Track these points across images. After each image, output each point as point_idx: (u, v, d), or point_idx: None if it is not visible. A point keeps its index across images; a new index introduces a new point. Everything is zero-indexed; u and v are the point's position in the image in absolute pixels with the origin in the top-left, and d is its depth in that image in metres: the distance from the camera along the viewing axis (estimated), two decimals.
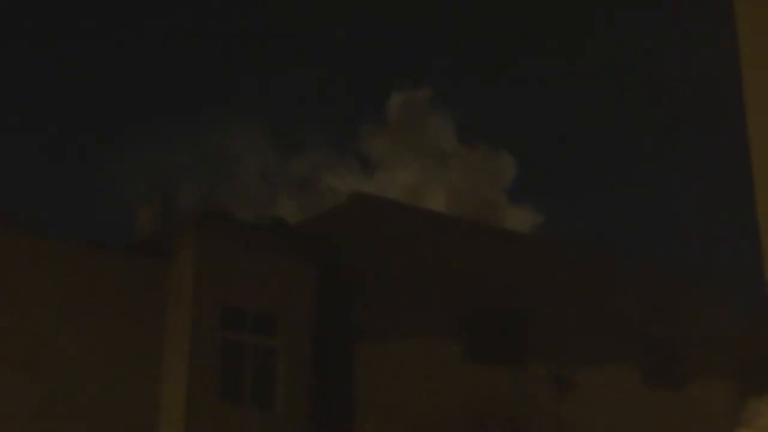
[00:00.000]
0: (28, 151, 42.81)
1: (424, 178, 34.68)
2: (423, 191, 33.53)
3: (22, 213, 20.30)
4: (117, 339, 18.38)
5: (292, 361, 19.24)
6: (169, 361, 18.55)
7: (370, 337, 20.25)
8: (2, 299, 17.74)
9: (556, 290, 22.94)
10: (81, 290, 18.42)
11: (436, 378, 20.75)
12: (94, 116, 47.29)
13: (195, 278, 18.73)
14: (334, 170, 36.59)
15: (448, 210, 29.50)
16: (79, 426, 17.47)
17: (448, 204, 32.48)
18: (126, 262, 19.23)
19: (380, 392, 19.96)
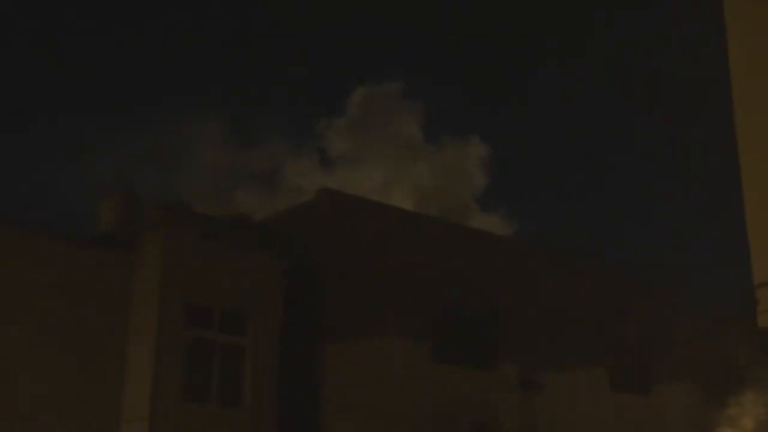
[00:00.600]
0: None
1: (388, 176, 34.41)
2: (389, 188, 33.26)
3: None
4: (79, 335, 17.86)
5: (259, 359, 18.85)
6: (134, 359, 18.05)
7: (338, 336, 19.93)
8: None
9: (526, 292, 22.82)
10: (41, 284, 17.84)
11: (404, 378, 20.49)
12: (55, 110, 46.54)
13: (161, 275, 18.25)
14: (295, 164, 36.16)
15: (415, 208, 29.27)
16: (40, 425, 16.92)
17: (413, 201, 32.26)
18: (89, 254, 18.68)
19: (348, 392, 19.66)
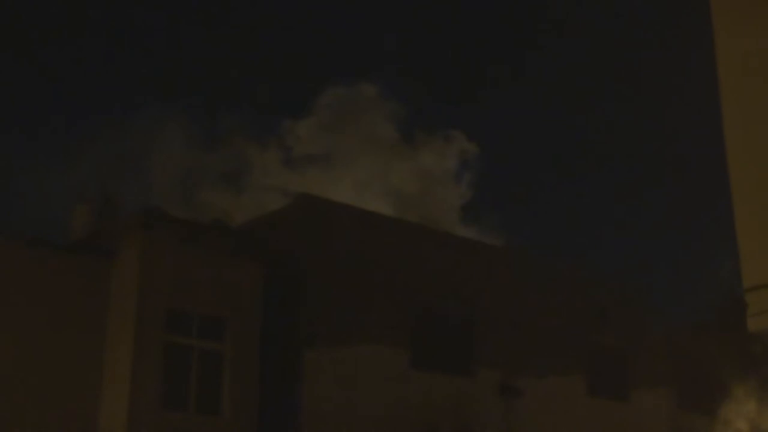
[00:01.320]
0: None
1: (362, 176, 34.18)
2: (363, 189, 33.07)
3: None
4: (56, 342, 17.55)
5: (239, 366, 18.64)
6: (111, 366, 17.77)
7: (317, 342, 19.77)
8: None
9: (505, 298, 22.80)
10: (17, 290, 17.54)
11: (383, 384, 20.39)
12: (26, 115, 46.02)
13: (139, 280, 17.99)
14: (264, 166, 35.78)
15: (392, 208, 29.17)
16: None
17: (389, 202, 32.12)
18: (65, 261, 18.37)
19: (327, 398, 19.52)
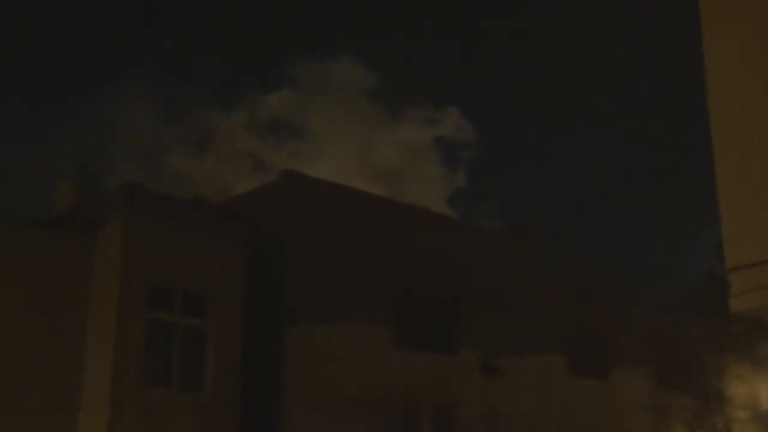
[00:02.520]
0: None
1: (343, 149, 34.11)
2: (342, 162, 33.00)
3: None
4: (38, 318, 17.48)
5: (222, 343, 18.63)
6: (94, 343, 17.72)
7: (300, 319, 19.80)
8: None
9: (487, 278, 22.88)
10: None
11: (366, 362, 20.44)
12: (9, 91, 45.64)
13: (122, 256, 17.91)
14: (233, 136, 35.59)
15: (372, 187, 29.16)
16: None
17: (369, 177, 32.07)
18: (47, 236, 18.26)
19: (310, 375, 19.56)
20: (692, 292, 30.48)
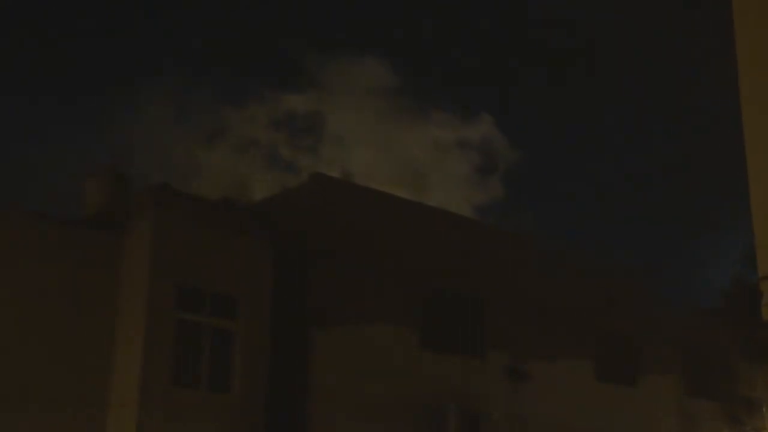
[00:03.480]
0: None
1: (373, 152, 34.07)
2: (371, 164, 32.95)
3: None
4: (67, 319, 17.57)
5: (249, 344, 18.66)
6: (123, 344, 17.81)
7: (328, 322, 19.82)
8: None
9: (514, 281, 22.81)
10: (29, 264, 17.53)
11: (392, 364, 20.42)
12: (38, 91, 46.07)
13: (151, 256, 17.99)
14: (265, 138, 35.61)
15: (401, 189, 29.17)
16: (28, 409, 16.65)
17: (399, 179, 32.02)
18: (77, 236, 18.36)
19: (336, 377, 19.57)
20: (721, 298, 30.23)
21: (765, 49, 11.42)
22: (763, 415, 24.65)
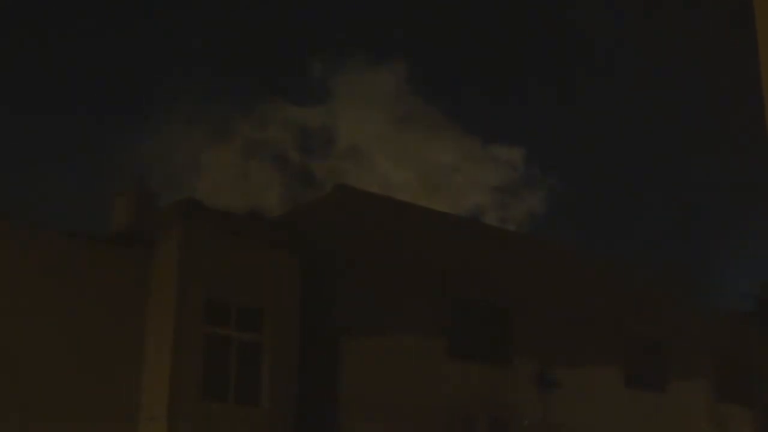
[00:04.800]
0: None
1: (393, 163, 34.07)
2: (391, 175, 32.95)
3: None
4: (97, 333, 17.76)
5: (277, 357, 18.77)
6: (151, 357, 17.96)
7: (355, 332, 19.87)
8: None
9: (542, 289, 22.75)
10: (58, 282, 17.72)
11: (421, 374, 20.44)
12: (66, 107, 46.41)
13: (179, 270, 18.15)
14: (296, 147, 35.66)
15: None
16: (57, 424, 16.84)
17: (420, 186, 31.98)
18: (106, 252, 18.57)
19: (365, 387, 19.60)
20: (751, 302, 30.05)
21: None
22: None
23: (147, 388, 17.84)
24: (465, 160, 34.98)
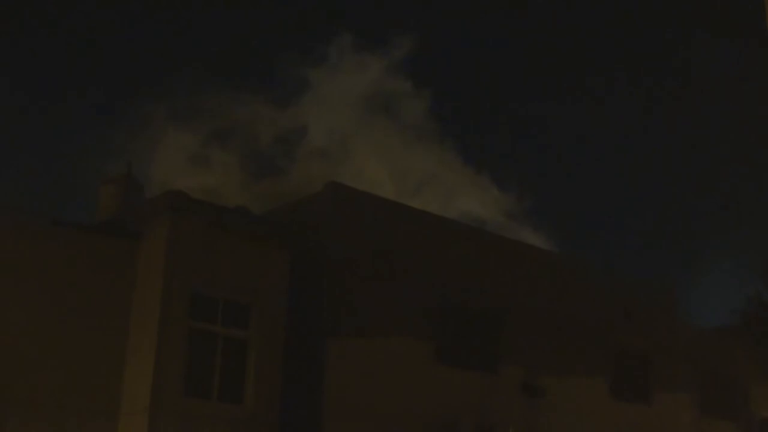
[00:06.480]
0: None
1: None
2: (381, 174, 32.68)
3: None
4: (80, 325, 17.33)
5: (262, 354, 18.39)
6: (135, 351, 17.55)
7: (341, 332, 19.55)
8: None
9: (530, 297, 22.55)
10: (43, 270, 17.30)
11: (406, 378, 20.16)
12: (54, 96, 45.95)
13: (165, 264, 17.71)
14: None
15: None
16: (38, 417, 16.42)
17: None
18: (91, 242, 18.11)
19: (350, 389, 19.29)
20: (737, 317, 30.00)
21: None
22: None
23: (129, 383, 17.42)
24: (442, 163, 34.81)
